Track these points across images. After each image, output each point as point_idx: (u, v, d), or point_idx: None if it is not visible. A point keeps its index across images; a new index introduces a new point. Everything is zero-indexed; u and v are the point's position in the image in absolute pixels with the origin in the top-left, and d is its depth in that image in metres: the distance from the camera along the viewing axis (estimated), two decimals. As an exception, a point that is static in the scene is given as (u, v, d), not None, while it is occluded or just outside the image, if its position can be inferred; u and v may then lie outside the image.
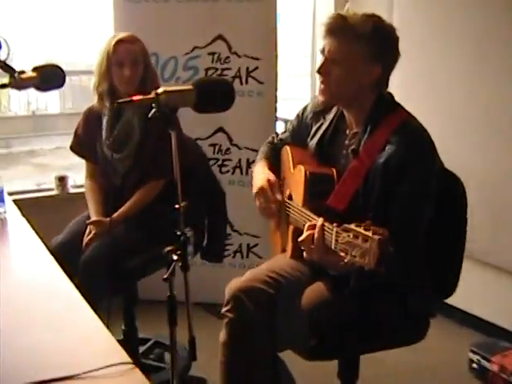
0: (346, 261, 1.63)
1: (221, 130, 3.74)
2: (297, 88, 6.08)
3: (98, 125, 2.92)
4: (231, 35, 3.63)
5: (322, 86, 2.10)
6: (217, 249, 3.14)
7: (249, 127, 3.70)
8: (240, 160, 3.78)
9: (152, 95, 1.79)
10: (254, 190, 2.29)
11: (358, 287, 1.93)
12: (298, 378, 2.30)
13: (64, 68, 2.09)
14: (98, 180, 2.99)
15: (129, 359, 1.29)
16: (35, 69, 2.37)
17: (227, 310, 2.01)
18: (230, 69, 3.66)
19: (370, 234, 1.57)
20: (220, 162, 3.79)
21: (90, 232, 2.76)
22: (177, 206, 1.91)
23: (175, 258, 1.91)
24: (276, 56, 3.66)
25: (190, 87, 1.85)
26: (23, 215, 2.47)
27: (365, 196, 2.00)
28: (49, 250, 2.12)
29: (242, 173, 3.80)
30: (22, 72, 2.22)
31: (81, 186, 3.99)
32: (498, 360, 3.10)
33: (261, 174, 2.34)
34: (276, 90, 3.72)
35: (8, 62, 2.16)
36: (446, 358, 3.34)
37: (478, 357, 3.18)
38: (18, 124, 10.86)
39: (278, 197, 2.26)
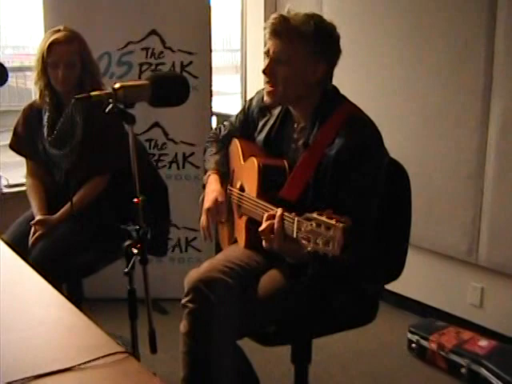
0: (309, 249, 1.68)
1: (156, 124, 3.74)
2: (225, 82, 6.13)
3: (38, 121, 2.88)
4: (165, 30, 3.63)
5: (269, 87, 2.14)
6: (161, 243, 3.14)
7: (184, 122, 3.71)
8: (176, 154, 3.79)
9: (109, 90, 1.80)
10: (205, 207, 2.32)
11: (317, 274, 1.99)
12: (254, 365, 2.35)
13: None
14: (39, 178, 2.94)
15: (122, 349, 1.31)
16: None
17: (188, 301, 2.03)
18: (164, 64, 3.67)
19: (333, 222, 1.63)
20: (156, 157, 3.79)
21: (35, 232, 2.72)
22: (135, 200, 1.92)
23: (135, 251, 1.94)
24: (210, 50, 3.70)
25: (146, 82, 1.87)
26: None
27: (316, 187, 2.06)
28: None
29: (178, 167, 3.81)
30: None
31: (15, 186, 3.93)
32: (435, 338, 3.24)
33: (211, 191, 2.35)
34: (211, 84, 3.75)
35: None
36: (386, 339, 3.46)
37: (417, 337, 3.31)
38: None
39: (222, 219, 2.35)
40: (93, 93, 1.82)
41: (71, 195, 2.78)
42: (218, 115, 4.20)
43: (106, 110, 1.82)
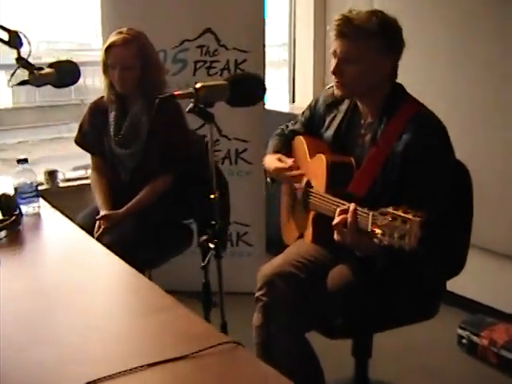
0: (385, 243, 1.73)
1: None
2: (272, 77, 6.16)
3: (104, 119, 2.95)
4: (220, 28, 3.69)
5: (338, 84, 2.20)
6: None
7: (237, 118, 3.76)
8: (229, 150, 3.85)
9: (191, 90, 1.87)
10: (271, 171, 2.39)
11: (386, 269, 2.04)
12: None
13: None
14: (104, 173, 3.02)
15: (230, 339, 1.37)
16: (51, 65, 2.41)
17: (262, 294, 2.10)
18: (218, 61, 3.73)
19: (410, 216, 1.68)
20: (209, 153, 3.84)
21: (100, 226, 2.79)
22: (212, 196, 1.99)
23: (212, 246, 2.00)
24: (264, 48, 3.74)
25: (224, 82, 1.94)
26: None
27: (383, 182, 2.11)
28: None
29: (231, 163, 3.87)
30: (41, 68, 2.27)
31: (69, 180, 4.03)
32: (486, 334, 3.26)
33: (272, 158, 2.45)
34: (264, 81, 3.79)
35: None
36: (436, 335, 3.49)
37: (468, 332, 3.34)
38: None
39: (289, 161, 2.37)
40: (176, 92, 1.89)
41: (135, 193, 2.86)
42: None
43: (187, 109, 1.90)
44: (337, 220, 1.97)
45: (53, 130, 10.23)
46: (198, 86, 1.87)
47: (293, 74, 4.73)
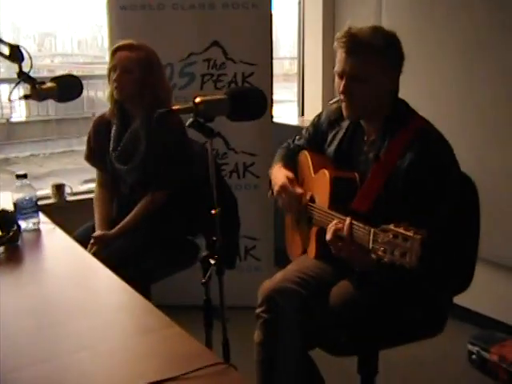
0: (386, 260, 1.71)
1: (217, 134, 3.77)
2: (281, 90, 6.17)
3: (107, 134, 2.94)
4: (227, 41, 3.68)
5: (347, 104, 2.17)
6: (230, 255, 3.16)
7: (245, 131, 3.75)
8: (237, 164, 3.84)
9: (190, 104, 1.85)
10: (276, 188, 2.36)
11: (386, 284, 2.02)
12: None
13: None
14: (108, 188, 3.01)
15: (221, 360, 1.35)
16: (54, 79, 2.41)
17: (262, 311, 2.08)
18: (225, 74, 3.72)
19: (411, 233, 1.66)
20: (217, 167, 3.83)
21: (92, 247, 2.77)
22: (213, 212, 1.97)
23: (212, 262, 1.98)
24: (271, 61, 3.74)
25: (224, 96, 1.92)
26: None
27: (387, 199, 2.09)
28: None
29: (238, 177, 3.85)
30: (42, 83, 2.27)
31: (77, 194, 4.03)
32: (496, 350, 3.22)
33: (279, 174, 2.42)
34: (272, 94, 3.79)
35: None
36: (446, 351, 3.44)
37: (477, 348, 3.29)
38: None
39: (299, 191, 2.34)
40: (175, 107, 1.87)
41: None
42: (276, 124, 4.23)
43: (187, 124, 1.88)
44: (329, 234, 1.95)
45: (65, 143, 10.27)
46: (197, 100, 1.86)
47: (302, 86, 4.72)
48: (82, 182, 4.62)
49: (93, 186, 4.08)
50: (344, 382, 2.56)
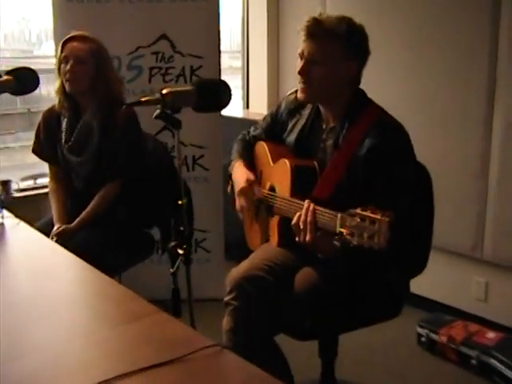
0: (354, 243, 1.76)
1: (166, 128, 3.78)
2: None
3: (57, 126, 2.91)
4: (175, 34, 3.68)
5: (303, 85, 2.23)
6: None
7: (194, 124, 3.72)
8: (186, 157, 3.84)
9: (158, 96, 1.86)
10: (236, 189, 2.40)
11: (349, 270, 2.08)
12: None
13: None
14: (61, 182, 2.98)
15: (214, 342, 1.37)
16: (9, 72, 2.38)
17: (231, 299, 2.11)
18: (174, 68, 3.72)
19: (378, 216, 1.71)
20: (166, 160, 3.83)
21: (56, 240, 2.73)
22: (179, 203, 1.99)
23: (181, 252, 2.00)
24: (219, 54, 3.75)
25: (191, 87, 1.94)
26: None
27: (347, 186, 2.15)
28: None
29: (188, 169, 3.86)
30: (-1, 76, 2.24)
31: (25, 190, 3.96)
32: (445, 332, 3.34)
33: (240, 175, 2.45)
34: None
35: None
36: (395, 335, 3.55)
37: (427, 331, 3.41)
38: None
39: (258, 194, 2.38)
40: (143, 99, 1.88)
41: (90, 202, 2.82)
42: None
43: (154, 116, 1.89)
44: (295, 219, 2.00)
45: (-2, 139, 10.00)
46: (164, 91, 1.87)
47: (246, 80, 4.75)
48: (20, 179, 4.52)
49: (32, 182, 4.06)
50: (306, 365, 2.61)
